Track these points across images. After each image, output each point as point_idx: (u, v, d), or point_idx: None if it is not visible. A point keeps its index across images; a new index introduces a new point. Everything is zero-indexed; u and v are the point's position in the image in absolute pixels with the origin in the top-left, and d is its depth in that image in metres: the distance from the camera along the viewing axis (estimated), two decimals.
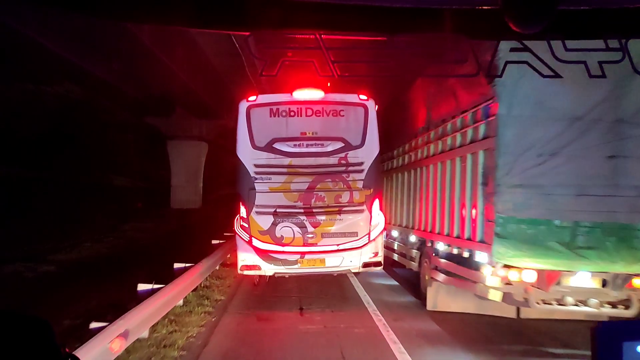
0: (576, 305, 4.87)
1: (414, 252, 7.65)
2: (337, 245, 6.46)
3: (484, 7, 1.41)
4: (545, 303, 4.93)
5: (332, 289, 7.73)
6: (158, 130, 25.19)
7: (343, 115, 6.60)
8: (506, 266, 4.81)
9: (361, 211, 6.53)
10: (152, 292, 5.01)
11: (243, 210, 6.47)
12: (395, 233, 9.05)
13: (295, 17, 1.59)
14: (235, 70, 17.83)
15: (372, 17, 1.62)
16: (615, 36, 2.15)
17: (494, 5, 1.28)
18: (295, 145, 6.50)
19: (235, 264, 9.11)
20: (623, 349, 1.05)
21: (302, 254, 6.45)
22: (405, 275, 8.68)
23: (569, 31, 1.81)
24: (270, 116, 6.50)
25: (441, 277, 6.26)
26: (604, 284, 4.72)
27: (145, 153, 26.13)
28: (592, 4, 1.50)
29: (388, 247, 9.25)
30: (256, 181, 6.43)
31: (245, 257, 6.50)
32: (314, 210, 6.47)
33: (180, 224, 19.08)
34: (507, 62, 3.39)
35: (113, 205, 19.61)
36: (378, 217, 6.62)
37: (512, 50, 3.06)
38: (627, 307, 4.79)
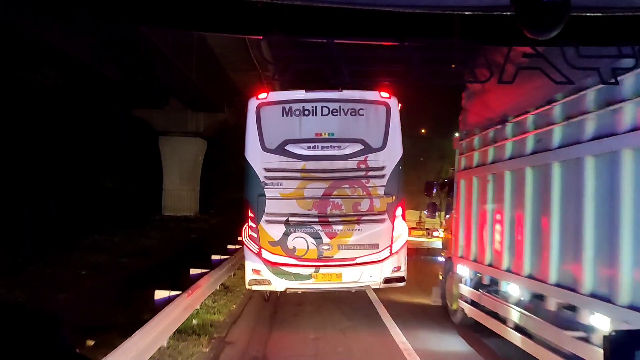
0: None
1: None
2: (356, 258, 6.97)
3: (497, 13, 1.68)
4: None
5: None
6: (148, 125, 25.65)
7: (362, 115, 7.10)
8: None
9: (382, 221, 7.02)
10: None
11: (252, 219, 7.02)
12: (514, 289, 5.75)
13: (308, 22, 1.90)
14: (237, 52, 18.32)
15: (383, 23, 1.91)
16: (628, 43, 2.59)
17: (507, 11, 1.53)
18: (309, 147, 7.02)
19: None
20: (635, 357, 1.30)
21: (317, 267, 6.97)
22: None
23: (582, 37, 2.15)
24: (282, 115, 7.05)
25: None
26: None
27: (140, 151, 26.49)
28: (606, 10, 1.76)
29: (484, 308, 6.46)
30: (266, 187, 6.96)
31: (254, 271, 7.04)
32: (330, 219, 6.97)
33: (160, 238, 18.20)
34: (519, 68, 3.91)
35: (99, 209, 20.08)
36: (401, 228, 7.10)
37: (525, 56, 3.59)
38: None
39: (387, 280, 7.10)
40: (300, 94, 7.14)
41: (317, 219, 6.98)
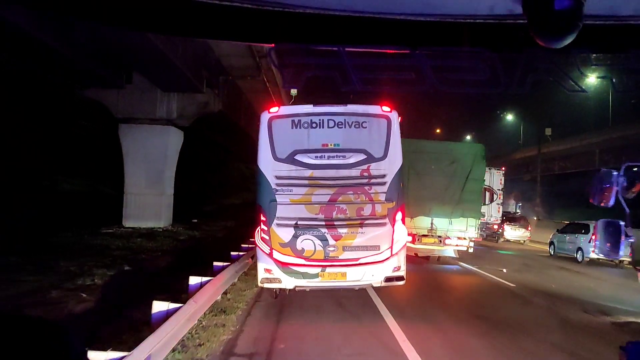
0: None
1: None
2: (359, 258, 10.42)
3: (510, 22, 2.16)
4: None
5: None
6: (106, 109, 26.71)
7: (365, 127, 10.58)
8: None
9: (383, 224, 10.49)
10: None
11: (264, 222, 10.46)
12: None
13: (319, 30, 2.44)
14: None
15: (395, 31, 2.44)
16: None
17: (520, 19, 2.00)
18: (316, 157, 10.46)
19: None
20: None
21: (324, 267, 10.41)
22: None
23: (595, 46, 2.67)
24: (292, 127, 10.53)
25: None
26: None
27: (106, 144, 27.07)
28: (618, 19, 2.20)
29: None
30: (277, 193, 10.40)
31: (266, 270, 10.49)
32: (336, 223, 10.39)
33: (63, 272, 14.43)
34: (531, 77, 5.04)
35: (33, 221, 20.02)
36: (401, 231, 10.59)
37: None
38: None
39: (388, 279, 10.63)
40: (308, 108, 10.68)
41: (323, 223, 10.42)
